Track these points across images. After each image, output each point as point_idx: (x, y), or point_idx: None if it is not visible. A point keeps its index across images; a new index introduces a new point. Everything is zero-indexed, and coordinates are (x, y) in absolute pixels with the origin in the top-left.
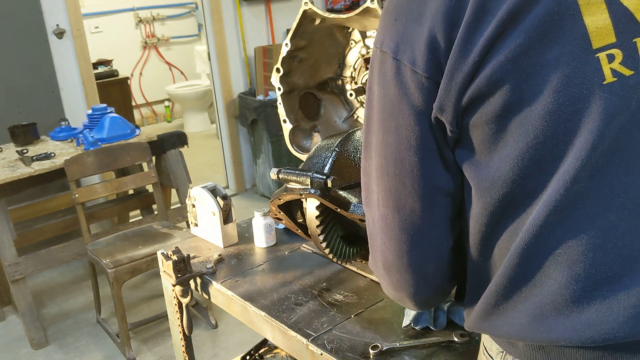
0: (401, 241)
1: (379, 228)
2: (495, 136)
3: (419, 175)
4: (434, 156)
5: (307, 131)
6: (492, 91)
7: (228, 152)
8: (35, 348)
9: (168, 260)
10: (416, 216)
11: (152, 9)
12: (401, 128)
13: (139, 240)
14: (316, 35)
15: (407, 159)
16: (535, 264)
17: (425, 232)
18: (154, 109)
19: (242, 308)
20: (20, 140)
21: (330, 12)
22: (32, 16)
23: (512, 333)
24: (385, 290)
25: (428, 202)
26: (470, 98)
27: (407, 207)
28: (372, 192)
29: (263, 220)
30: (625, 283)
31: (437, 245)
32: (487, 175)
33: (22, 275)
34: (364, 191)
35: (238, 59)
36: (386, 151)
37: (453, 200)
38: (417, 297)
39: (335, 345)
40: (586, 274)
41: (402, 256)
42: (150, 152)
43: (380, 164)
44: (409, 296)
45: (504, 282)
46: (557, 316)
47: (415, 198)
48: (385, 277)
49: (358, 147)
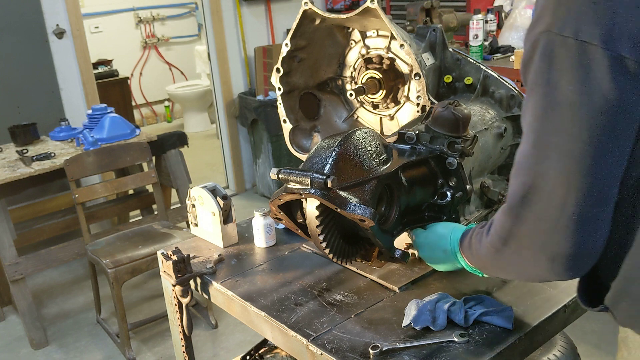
0: (590, 230)
1: (558, 226)
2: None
3: (622, 168)
4: (625, 152)
5: (307, 131)
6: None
7: (228, 152)
8: (35, 348)
9: (168, 260)
10: (612, 203)
11: (152, 9)
12: (616, 124)
13: (139, 240)
14: (316, 35)
15: (615, 155)
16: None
17: (608, 219)
18: (154, 109)
19: (242, 308)
20: (20, 140)
21: (330, 12)
22: (32, 16)
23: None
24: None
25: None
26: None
27: (609, 199)
28: (541, 193)
29: (263, 220)
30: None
31: (609, 229)
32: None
33: (22, 275)
34: (522, 192)
35: (238, 59)
36: (589, 150)
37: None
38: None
39: (335, 345)
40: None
41: (586, 242)
42: (150, 152)
43: (577, 165)
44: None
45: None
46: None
47: (617, 188)
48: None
49: (358, 147)
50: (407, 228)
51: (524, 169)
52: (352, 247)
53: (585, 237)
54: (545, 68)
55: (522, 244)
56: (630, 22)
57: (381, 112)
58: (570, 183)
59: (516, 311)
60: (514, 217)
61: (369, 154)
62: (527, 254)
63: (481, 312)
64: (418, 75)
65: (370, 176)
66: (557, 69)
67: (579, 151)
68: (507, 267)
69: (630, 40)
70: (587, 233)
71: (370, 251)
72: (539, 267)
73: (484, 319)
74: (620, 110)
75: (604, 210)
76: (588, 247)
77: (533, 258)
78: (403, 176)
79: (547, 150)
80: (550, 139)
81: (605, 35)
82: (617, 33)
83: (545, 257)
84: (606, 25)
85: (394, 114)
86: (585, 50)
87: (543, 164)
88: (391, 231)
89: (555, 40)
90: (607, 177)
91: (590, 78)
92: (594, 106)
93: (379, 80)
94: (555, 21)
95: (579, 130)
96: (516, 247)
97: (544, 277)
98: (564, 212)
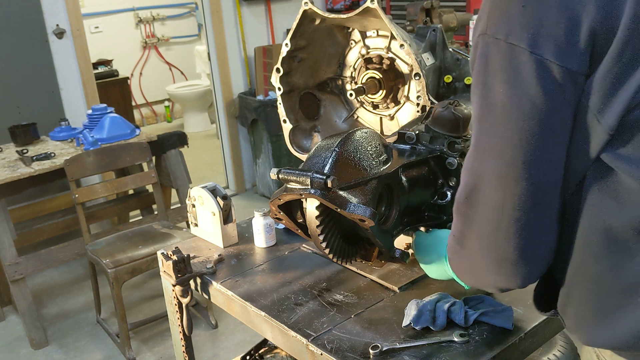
0: (531, 235)
1: (499, 229)
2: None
3: (559, 175)
4: (559, 156)
5: (307, 131)
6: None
7: (228, 152)
8: (35, 348)
9: (168, 260)
10: (554, 211)
11: (152, 9)
12: (545, 129)
13: (139, 240)
14: (316, 35)
15: (548, 160)
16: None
17: (552, 226)
18: (154, 109)
19: (242, 308)
20: (20, 140)
21: (330, 12)
22: (32, 16)
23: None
24: (487, 283)
25: (556, 197)
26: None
27: (548, 205)
28: (481, 195)
29: (263, 220)
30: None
31: (554, 236)
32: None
33: (22, 275)
34: (465, 192)
35: (238, 59)
36: (519, 154)
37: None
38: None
39: (335, 345)
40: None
41: (528, 247)
42: (150, 152)
43: (509, 168)
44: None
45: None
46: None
47: (556, 195)
48: (494, 271)
49: (358, 147)
50: (407, 228)
51: (467, 169)
52: (352, 247)
53: (526, 243)
54: (482, 70)
55: (473, 246)
56: (556, 26)
57: (381, 112)
58: (505, 186)
59: (516, 311)
60: (462, 216)
61: (369, 154)
62: (477, 256)
63: (481, 312)
64: (418, 75)
65: (370, 176)
66: (491, 71)
67: (510, 154)
68: (466, 271)
69: (556, 45)
70: (528, 238)
71: (370, 251)
72: (489, 271)
73: (484, 319)
74: (548, 115)
75: (544, 216)
76: (530, 254)
77: (483, 262)
78: (403, 176)
79: (484, 152)
80: (486, 141)
81: (532, 38)
82: (543, 37)
83: (492, 262)
84: (533, 28)
85: (394, 114)
86: (514, 52)
87: (482, 166)
88: (391, 231)
89: (489, 43)
90: (542, 182)
91: (519, 81)
92: (523, 109)
93: (379, 80)
94: (489, 24)
95: (510, 133)
96: (469, 249)
97: (495, 283)
98: (503, 215)
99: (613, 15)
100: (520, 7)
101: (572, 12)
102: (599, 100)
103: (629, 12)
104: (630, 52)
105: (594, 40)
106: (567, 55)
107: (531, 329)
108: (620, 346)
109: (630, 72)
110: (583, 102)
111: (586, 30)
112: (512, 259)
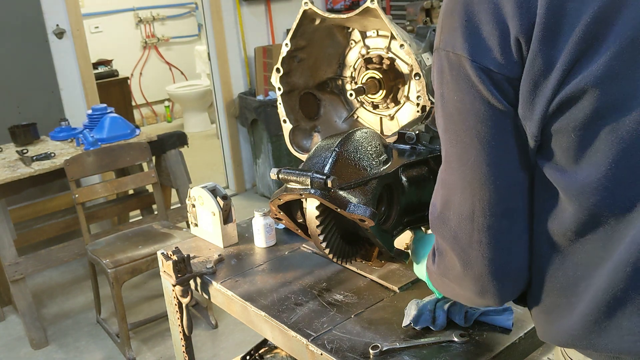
0: (504, 245)
1: (472, 239)
2: (583, 143)
3: (523, 177)
4: (519, 158)
5: (307, 131)
6: (580, 97)
7: (228, 152)
8: (35, 348)
9: (168, 260)
10: (523, 217)
11: (152, 9)
12: (501, 130)
13: (139, 240)
14: (316, 35)
15: (509, 161)
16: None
17: (523, 235)
18: (154, 109)
19: (242, 308)
20: (20, 140)
21: (330, 12)
22: (32, 16)
23: (623, 348)
24: (467, 299)
25: (526, 202)
26: (557, 105)
27: (517, 212)
28: (452, 208)
29: (263, 220)
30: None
31: (526, 247)
32: (574, 182)
33: (22, 275)
34: (440, 204)
35: (238, 59)
36: (481, 157)
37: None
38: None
39: (335, 345)
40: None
41: (501, 260)
42: (150, 152)
43: (473, 173)
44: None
45: (608, 299)
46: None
47: (524, 200)
48: (469, 284)
49: (358, 147)
50: (408, 228)
51: (439, 183)
52: (352, 247)
53: (499, 253)
54: (439, 82)
55: (448, 264)
56: (492, 37)
57: (381, 112)
58: (473, 192)
59: (516, 311)
60: (436, 231)
61: (369, 154)
62: (451, 275)
63: (481, 312)
64: (418, 75)
65: (370, 176)
66: (445, 82)
67: (473, 159)
68: (443, 289)
69: (493, 54)
70: (501, 248)
71: (370, 251)
72: (465, 288)
73: (484, 319)
74: (501, 117)
75: (514, 224)
76: (504, 266)
77: (459, 279)
78: (403, 176)
79: (451, 162)
80: (451, 150)
81: (473, 48)
82: (482, 47)
83: (468, 279)
84: (474, 39)
85: (394, 114)
86: (461, 62)
87: (451, 176)
88: (391, 231)
89: (442, 56)
90: (508, 184)
91: (469, 87)
92: (477, 113)
93: (379, 80)
94: (442, 39)
95: (469, 138)
96: (443, 267)
97: (472, 300)
98: (474, 224)
99: (530, 25)
100: (463, 21)
101: (502, 24)
102: (522, 107)
103: (539, 22)
104: (541, 61)
105: (520, 49)
106: (502, 63)
107: (531, 329)
108: (561, 343)
109: (542, 82)
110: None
111: (513, 40)
112: (487, 273)
